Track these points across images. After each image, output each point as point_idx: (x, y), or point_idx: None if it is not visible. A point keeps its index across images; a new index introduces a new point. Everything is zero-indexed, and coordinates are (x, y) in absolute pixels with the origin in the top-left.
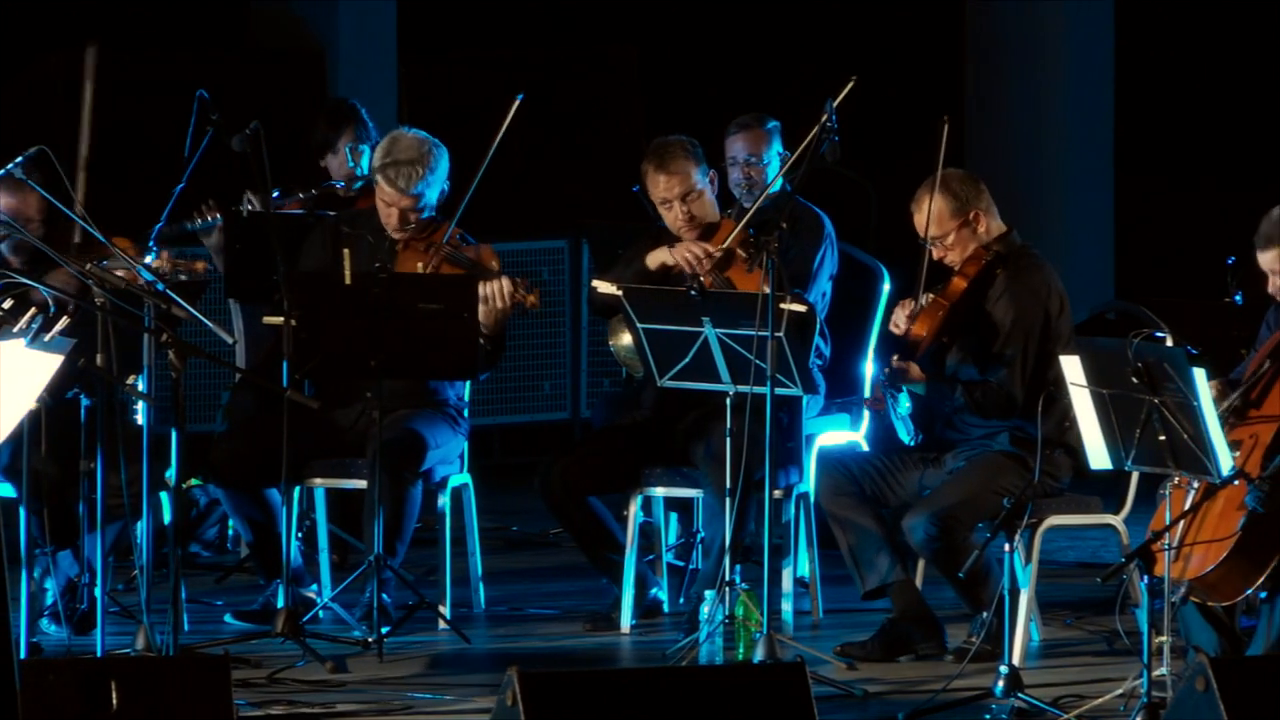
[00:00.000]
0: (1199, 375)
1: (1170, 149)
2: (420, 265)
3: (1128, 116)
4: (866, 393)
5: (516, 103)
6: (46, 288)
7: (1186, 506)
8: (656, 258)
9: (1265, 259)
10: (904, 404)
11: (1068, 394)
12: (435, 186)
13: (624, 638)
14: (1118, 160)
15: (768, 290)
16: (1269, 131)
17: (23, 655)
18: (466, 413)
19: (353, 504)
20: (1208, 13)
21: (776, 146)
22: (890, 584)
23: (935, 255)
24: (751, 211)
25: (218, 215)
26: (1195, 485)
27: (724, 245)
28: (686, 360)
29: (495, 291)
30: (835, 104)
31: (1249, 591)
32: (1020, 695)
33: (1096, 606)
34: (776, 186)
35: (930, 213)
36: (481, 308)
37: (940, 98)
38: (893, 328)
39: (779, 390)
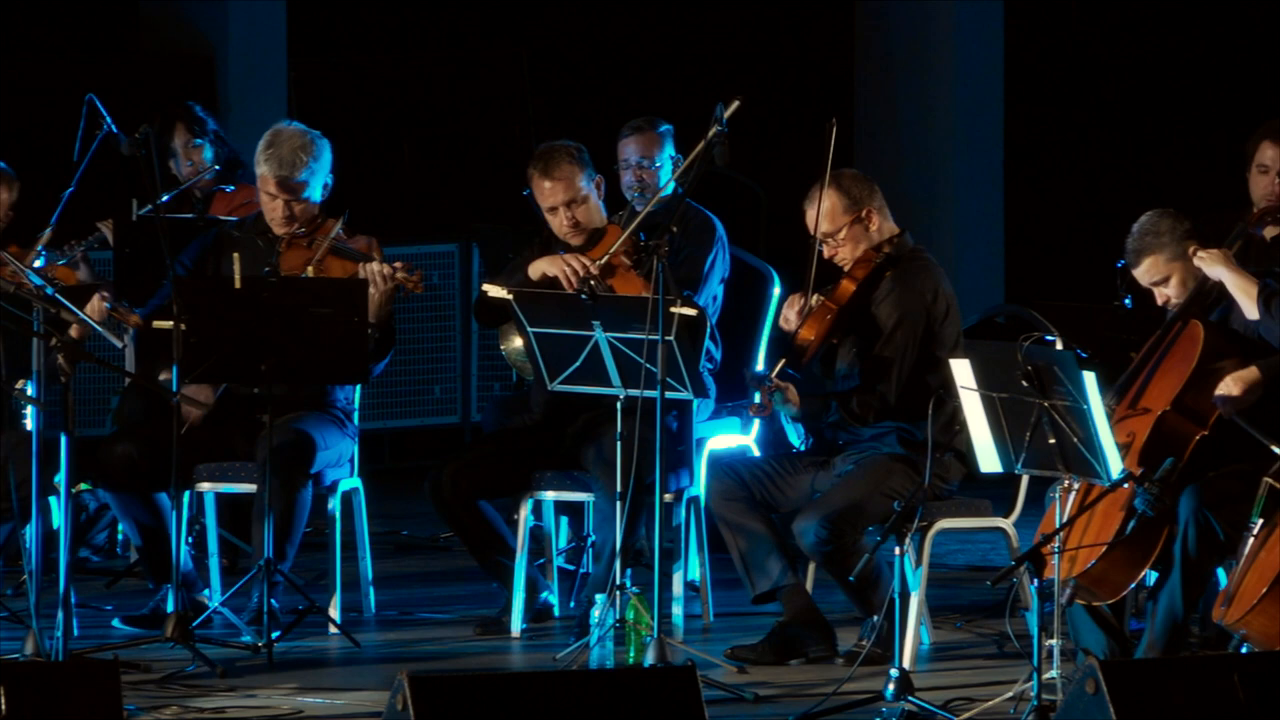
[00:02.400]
0: (1088, 378)
1: (1059, 153)
2: (305, 261)
3: (1017, 120)
4: (755, 399)
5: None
6: None
7: (1075, 510)
8: (538, 268)
9: (1139, 274)
10: (787, 412)
11: (956, 397)
12: (319, 176)
13: (514, 641)
14: (1007, 164)
15: (656, 295)
16: (1157, 135)
17: None
18: (356, 416)
19: (242, 508)
20: (1096, 16)
21: (669, 150)
22: (781, 587)
23: (826, 253)
24: (637, 221)
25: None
26: (1078, 487)
27: (605, 256)
28: (577, 364)
29: (374, 273)
30: (726, 110)
31: (1132, 586)
32: (910, 698)
33: (986, 609)
34: (669, 190)
35: (822, 208)
36: None
37: (830, 101)
38: (783, 323)
39: (669, 394)
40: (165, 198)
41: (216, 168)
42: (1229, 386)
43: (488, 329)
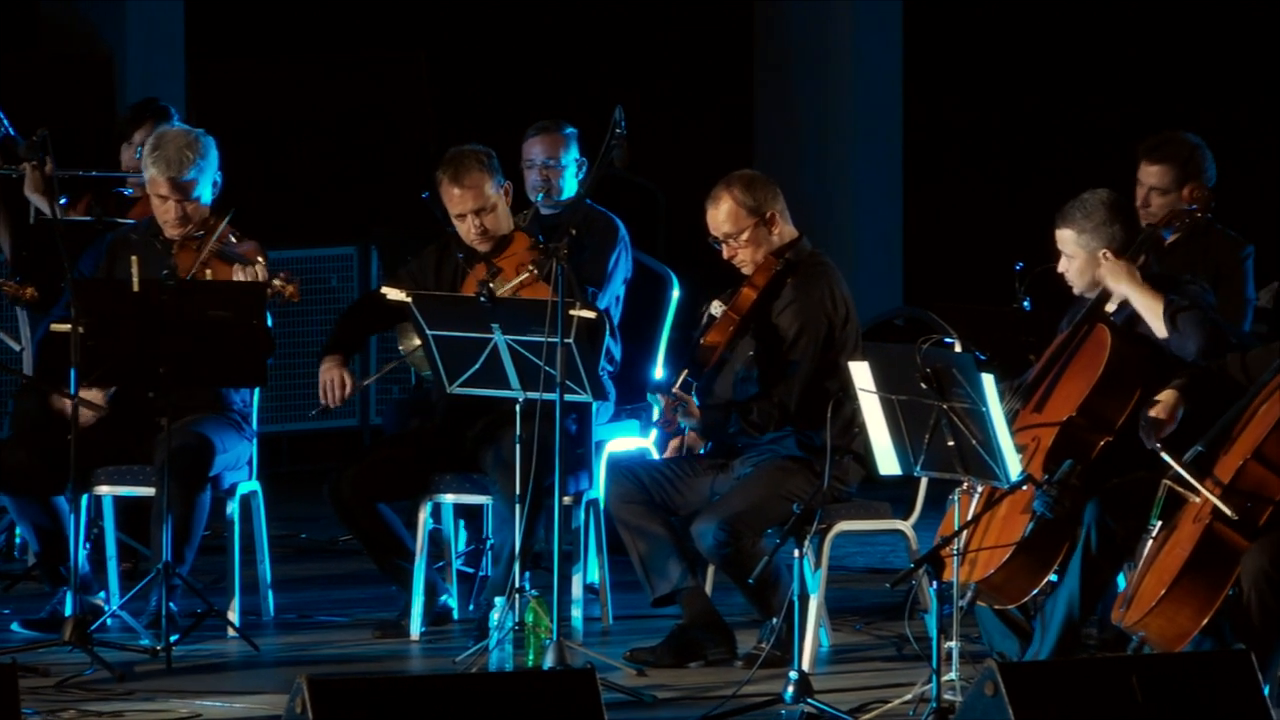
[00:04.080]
0: (987, 381)
1: (958, 155)
2: (192, 263)
3: (916, 123)
4: (655, 415)
5: (228, 217)
6: None
7: (974, 512)
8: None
9: (1057, 235)
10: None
11: (855, 400)
12: (207, 175)
13: (413, 645)
14: (905, 166)
15: (555, 297)
16: (1056, 137)
17: None
18: (254, 419)
19: (141, 511)
20: (996, 19)
21: (574, 151)
22: (680, 590)
23: (726, 254)
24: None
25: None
26: (980, 490)
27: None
28: (476, 367)
29: (251, 279)
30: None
31: (1034, 592)
32: (810, 701)
33: (886, 612)
34: (570, 192)
35: (725, 209)
36: None
37: (729, 104)
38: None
39: (569, 397)
40: (64, 200)
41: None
42: (1158, 412)
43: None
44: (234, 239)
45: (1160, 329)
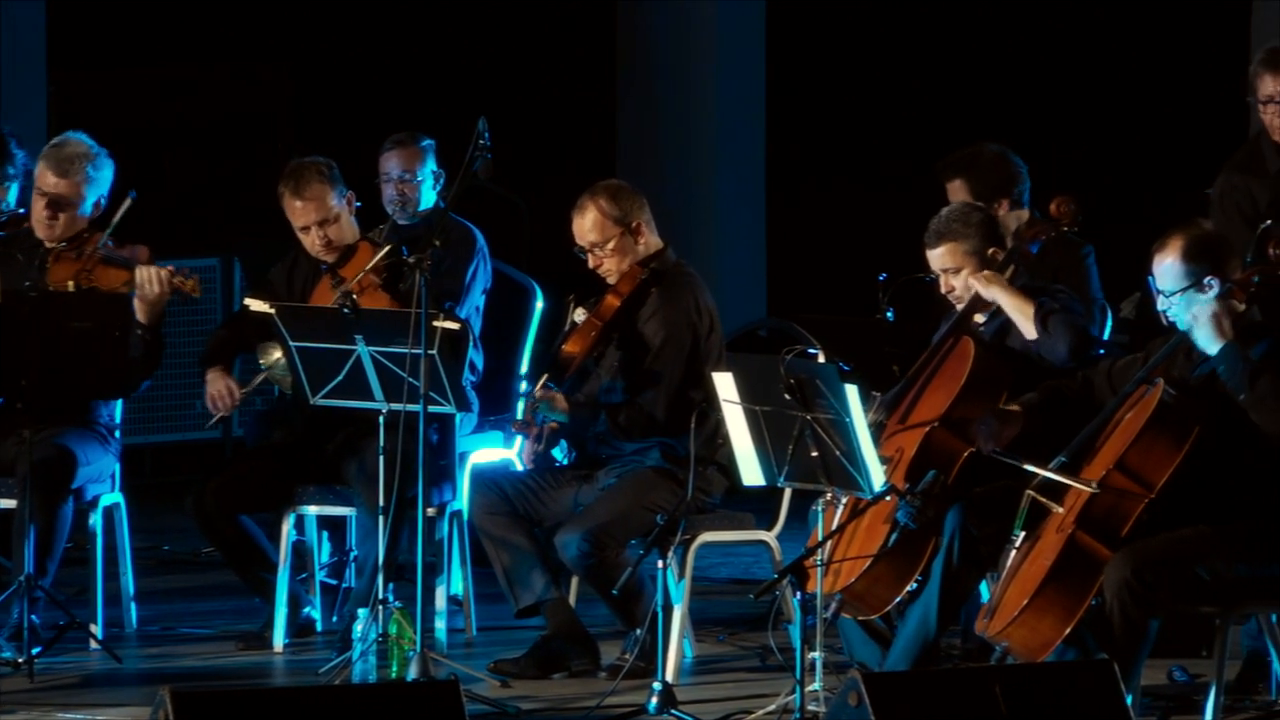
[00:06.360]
0: (850, 392)
1: (821, 166)
2: (74, 271)
3: (779, 133)
4: (518, 415)
5: (128, 201)
6: None
7: (838, 522)
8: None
9: (933, 256)
10: (555, 422)
11: (719, 411)
12: (95, 188)
13: (277, 657)
14: (769, 177)
15: (418, 309)
16: (919, 147)
17: None
18: (119, 432)
19: (2, 523)
20: (859, 30)
21: (430, 164)
22: (544, 601)
23: (591, 263)
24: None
25: None
26: (844, 501)
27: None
28: (339, 378)
29: (151, 276)
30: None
31: (897, 601)
32: (674, 711)
33: (749, 623)
34: (429, 204)
35: (591, 219)
36: (138, 303)
37: (593, 116)
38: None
39: (432, 408)
40: None
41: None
42: (998, 418)
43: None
44: (111, 243)
45: (1030, 331)
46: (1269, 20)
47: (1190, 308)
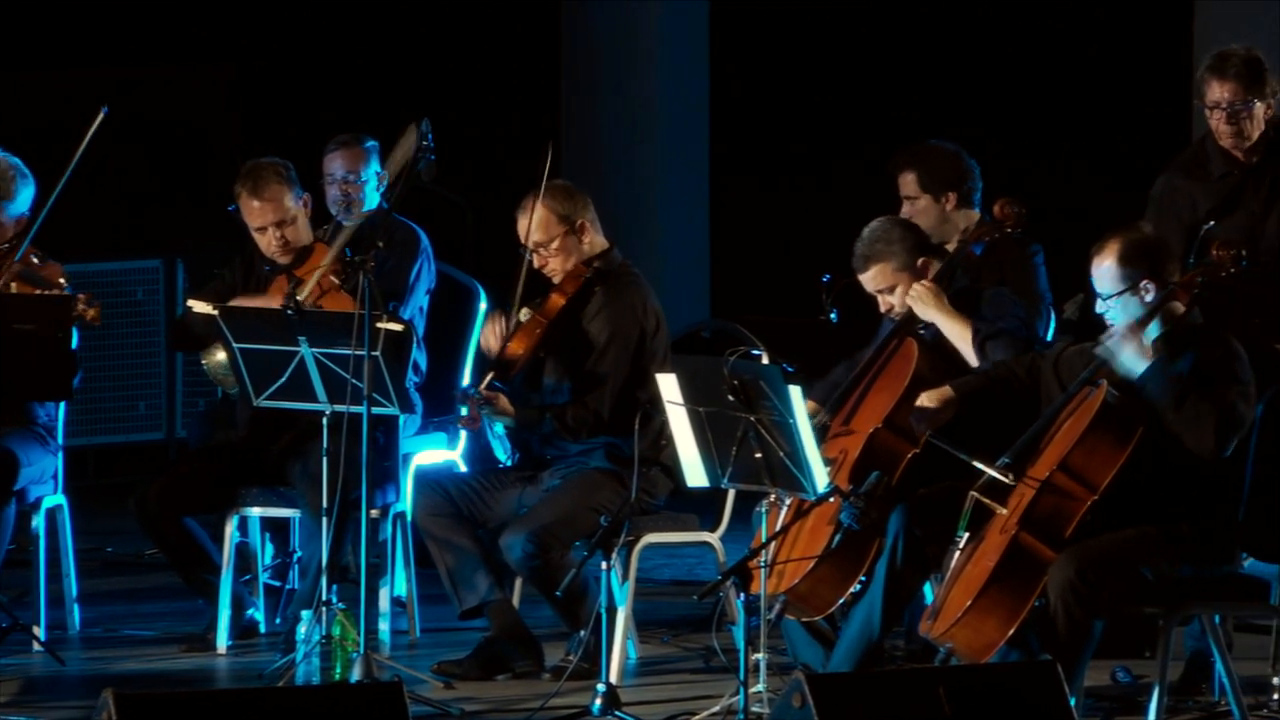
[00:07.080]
0: (794, 393)
1: (765, 168)
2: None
3: (723, 134)
4: (462, 412)
5: (101, 116)
6: None
7: (782, 523)
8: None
9: (865, 279)
10: (500, 424)
11: (664, 412)
12: (13, 208)
13: (220, 659)
14: (712, 178)
15: (362, 310)
16: (864, 148)
17: None
18: (60, 433)
19: None
20: (802, 31)
21: (374, 165)
22: (488, 603)
23: (536, 263)
24: (341, 239)
25: None
26: (788, 502)
27: (314, 279)
28: (283, 380)
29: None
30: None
31: (840, 602)
32: (618, 713)
33: (693, 624)
34: (373, 205)
35: (536, 218)
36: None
37: (537, 116)
38: (482, 344)
39: (376, 409)
40: None
41: None
42: (924, 401)
43: (187, 353)
44: (35, 259)
45: (970, 355)
46: (1211, 21)
47: (1123, 315)
